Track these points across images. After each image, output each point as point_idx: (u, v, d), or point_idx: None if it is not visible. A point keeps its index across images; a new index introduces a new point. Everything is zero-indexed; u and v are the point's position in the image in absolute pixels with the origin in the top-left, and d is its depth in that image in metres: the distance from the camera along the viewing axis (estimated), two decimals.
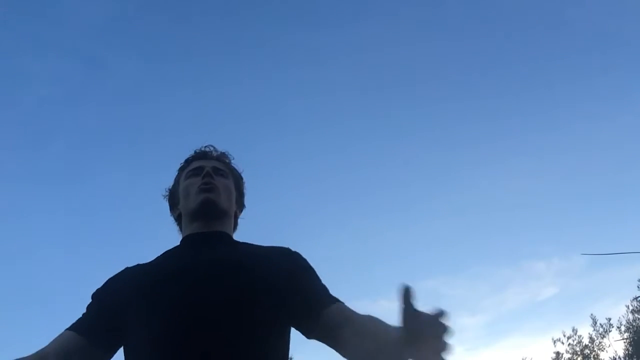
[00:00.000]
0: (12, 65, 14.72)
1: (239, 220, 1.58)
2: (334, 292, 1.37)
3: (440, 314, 0.92)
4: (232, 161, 1.61)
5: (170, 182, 1.60)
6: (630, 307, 13.57)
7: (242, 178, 1.61)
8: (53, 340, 1.29)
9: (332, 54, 16.98)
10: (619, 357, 13.31)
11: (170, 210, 1.58)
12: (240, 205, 1.59)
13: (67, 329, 1.32)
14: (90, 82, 15.99)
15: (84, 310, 1.37)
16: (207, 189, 1.45)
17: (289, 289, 1.32)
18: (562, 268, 19.68)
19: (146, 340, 1.24)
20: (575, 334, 13.97)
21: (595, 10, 17.07)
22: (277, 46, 16.93)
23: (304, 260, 1.43)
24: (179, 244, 1.48)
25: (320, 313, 1.28)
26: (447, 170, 19.50)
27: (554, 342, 14.07)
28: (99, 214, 16.22)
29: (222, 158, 1.59)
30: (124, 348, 1.30)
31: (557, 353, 13.96)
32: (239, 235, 1.54)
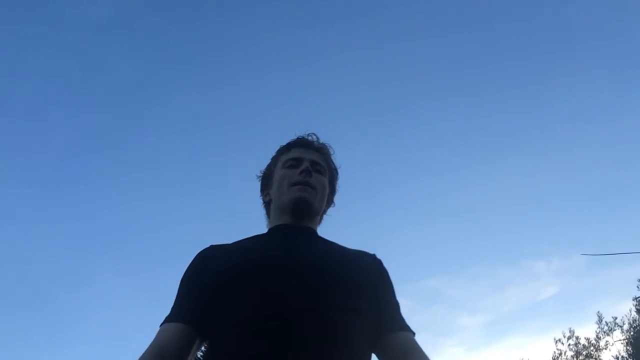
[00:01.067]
0: (11, 64, 14.67)
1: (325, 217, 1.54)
2: None
3: None
4: (332, 155, 1.54)
5: (172, 183, 1.56)
6: (635, 307, 13.57)
7: (337, 174, 1.56)
8: (155, 341, 1.21)
9: (327, 53, 16.96)
10: (622, 357, 13.30)
11: (261, 192, 1.54)
12: (330, 202, 1.54)
13: (163, 322, 1.25)
14: (89, 82, 15.96)
15: (179, 293, 1.30)
16: (303, 188, 1.41)
17: (372, 298, 1.29)
18: (562, 268, 19.70)
19: (243, 327, 1.16)
20: (573, 335, 13.97)
21: (594, 8, 17.05)
22: (278, 46, 16.89)
23: (387, 272, 1.41)
24: (267, 231, 1.45)
25: (385, 336, 1.26)
26: (447, 170, 19.50)
27: (556, 342, 14.07)
28: (97, 215, 16.19)
29: (323, 150, 1.53)
30: (213, 330, 1.22)
31: (559, 352, 13.95)
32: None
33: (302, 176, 1.42)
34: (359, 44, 17.58)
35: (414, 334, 1.30)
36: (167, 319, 1.25)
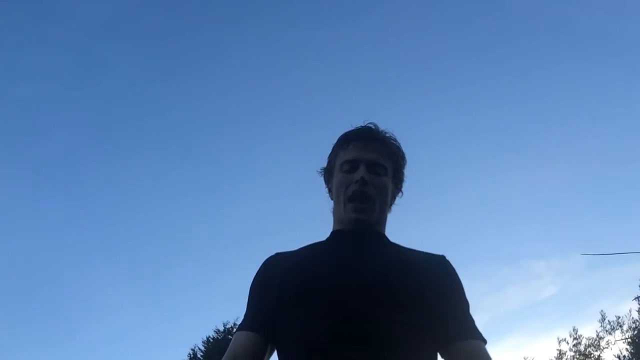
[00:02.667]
0: (11, 63, 14.64)
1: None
2: None
3: None
4: (394, 142, 1.44)
5: (168, 183, 1.52)
6: (637, 307, 13.55)
7: (402, 162, 1.46)
8: (232, 348, 1.27)
9: (328, 52, 16.93)
10: (624, 357, 13.27)
11: (326, 184, 1.48)
12: (397, 194, 1.46)
13: (237, 329, 1.30)
14: (89, 80, 15.93)
15: (249, 301, 1.34)
16: (359, 207, 1.35)
17: (440, 306, 1.26)
18: (562, 267, 19.69)
19: (302, 346, 1.19)
20: (576, 333, 13.95)
21: (594, 7, 17.02)
22: (278, 45, 16.86)
23: (458, 278, 1.37)
24: (330, 236, 1.42)
25: (452, 344, 1.23)
26: (446, 169, 19.47)
27: (559, 341, 14.04)
28: (95, 211, 16.15)
29: (385, 142, 1.43)
30: (278, 343, 1.26)
31: (560, 352, 13.93)
32: None
33: (357, 186, 1.35)
34: (359, 41, 17.56)
35: (485, 342, 1.27)
36: (240, 327, 1.30)
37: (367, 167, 1.37)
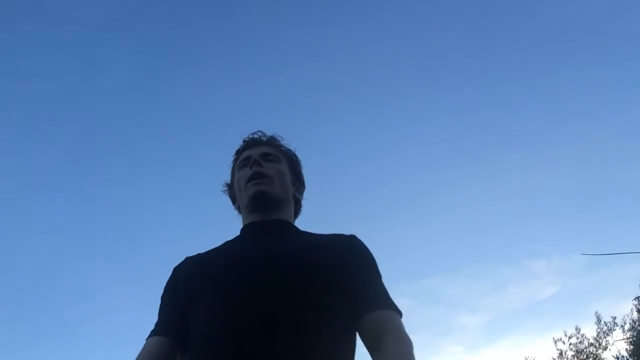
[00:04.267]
0: (10, 62, 14.65)
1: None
2: None
3: None
4: (283, 142, 1.54)
5: (166, 183, 1.55)
6: (637, 307, 13.54)
7: (296, 158, 1.54)
8: (140, 355, 1.25)
9: (330, 49, 16.93)
10: (623, 357, 13.27)
11: (233, 204, 1.54)
12: (299, 187, 1.52)
13: (149, 336, 1.28)
14: (89, 80, 15.93)
15: (159, 307, 1.34)
16: (257, 182, 1.40)
17: (348, 282, 1.25)
18: (562, 267, 19.63)
19: (207, 334, 1.18)
20: (579, 332, 13.95)
21: (595, 5, 17.01)
22: (278, 44, 16.85)
23: (368, 253, 1.36)
24: (239, 233, 1.44)
25: (362, 317, 1.21)
26: (446, 168, 19.46)
27: (555, 341, 14.03)
28: (96, 215, 16.16)
29: (272, 142, 1.52)
30: (190, 340, 1.24)
31: (560, 352, 13.93)
32: None
33: (253, 170, 1.41)
34: (356, 41, 17.54)
35: (399, 312, 1.24)
36: (150, 333, 1.29)
37: (260, 157, 1.45)
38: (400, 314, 1.24)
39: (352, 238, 1.38)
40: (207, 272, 1.28)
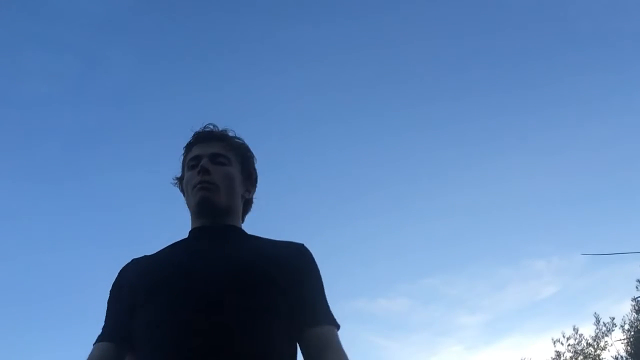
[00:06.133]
0: (9, 61, 14.65)
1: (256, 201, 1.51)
2: (332, 291, 1.33)
3: None
4: (236, 138, 1.48)
5: (166, 181, 1.53)
6: (636, 307, 13.53)
7: (248, 155, 1.50)
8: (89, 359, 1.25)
9: (328, 50, 16.92)
10: (622, 357, 13.27)
11: (183, 195, 1.50)
12: (249, 186, 1.49)
13: (96, 341, 1.28)
14: (89, 79, 15.94)
15: (106, 311, 1.33)
16: (203, 187, 1.37)
17: (295, 291, 1.27)
18: (562, 267, 19.68)
19: (154, 340, 1.18)
20: (577, 332, 13.94)
21: (596, 7, 17.03)
22: (277, 43, 16.86)
23: (314, 264, 1.37)
24: (187, 236, 1.42)
25: (304, 331, 1.24)
26: (446, 169, 19.49)
27: (554, 342, 14.03)
28: (96, 212, 16.16)
29: (224, 139, 1.47)
30: (137, 345, 1.24)
31: (558, 353, 13.93)
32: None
33: (200, 178, 1.38)
34: (360, 43, 17.56)
35: (337, 327, 1.28)
36: (97, 339, 1.28)
37: (209, 159, 1.40)
38: (339, 328, 1.28)
39: (301, 247, 1.38)
40: (153, 277, 1.27)
